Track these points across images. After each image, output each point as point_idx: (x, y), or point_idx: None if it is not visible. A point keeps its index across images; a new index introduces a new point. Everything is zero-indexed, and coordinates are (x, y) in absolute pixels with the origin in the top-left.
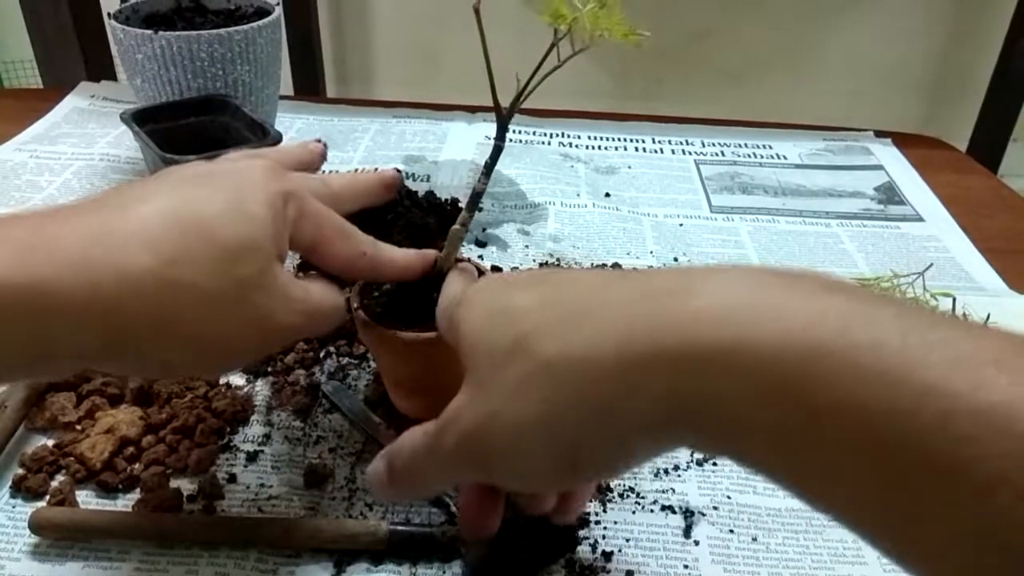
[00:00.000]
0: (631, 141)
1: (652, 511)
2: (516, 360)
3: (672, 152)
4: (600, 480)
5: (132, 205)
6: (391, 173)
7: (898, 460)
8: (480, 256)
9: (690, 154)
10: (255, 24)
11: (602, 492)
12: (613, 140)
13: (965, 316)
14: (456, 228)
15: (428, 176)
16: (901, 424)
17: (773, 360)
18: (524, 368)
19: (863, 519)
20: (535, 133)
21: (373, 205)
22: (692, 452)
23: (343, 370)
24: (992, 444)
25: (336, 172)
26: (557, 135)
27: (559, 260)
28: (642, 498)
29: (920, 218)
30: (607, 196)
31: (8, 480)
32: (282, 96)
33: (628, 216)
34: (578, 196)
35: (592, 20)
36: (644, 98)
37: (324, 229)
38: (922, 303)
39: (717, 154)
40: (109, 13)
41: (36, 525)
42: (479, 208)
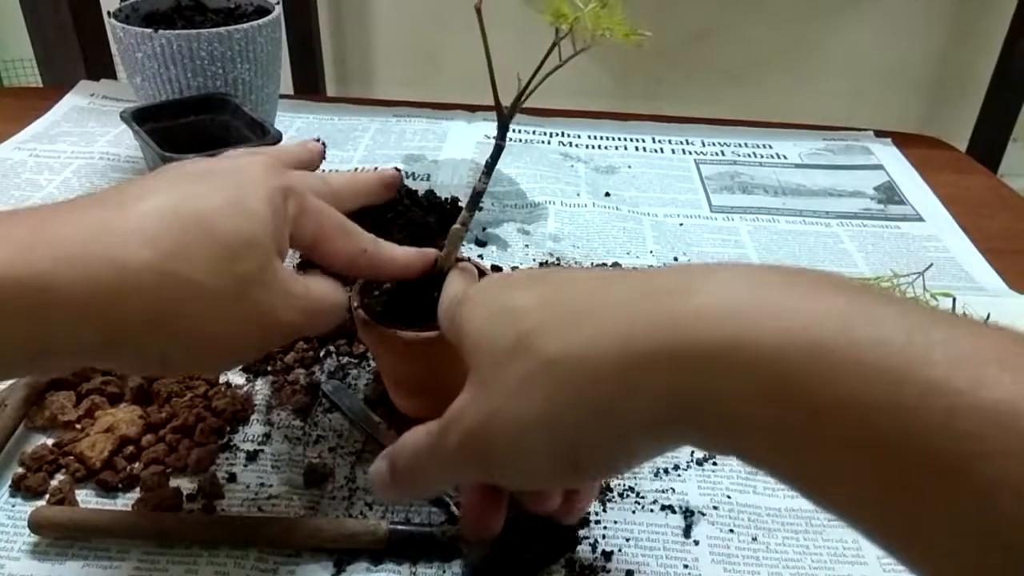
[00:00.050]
0: (631, 141)
1: (652, 511)
2: (518, 359)
3: (672, 152)
4: (602, 479)
5: (132, 202)
6: (391, 172)
7: (900, 458)
8: (480, 255)
9: (690, 154)
10: (255, 23)
11: (602, 492)
12: (613, 140)
13: (965, 316)
14: (456, 227)
15: (428, 175)
16: (903, 422)
17: (774, 358)
18: (526, 367)
19: (864, 516)
20: (535, 132)
21: (373, 204)
22: (692, 452)
23: (343, 369)
24: (995, 442)
25: (336, 171)
26: (557, 134)
27: (559, 259)
28: (642, 498)
29: (920, 218)
30: (607, 196)
31: (8, 479)
32: (282, 95)
33: (628, 216)
34: (578, 195)
35: (593, 20)
36: (644, 98)
37: (325, 226)
38: (922, 303)
39: (717, 154)
40: (109, 12)
41: (36, 524)
42: (479, 207)
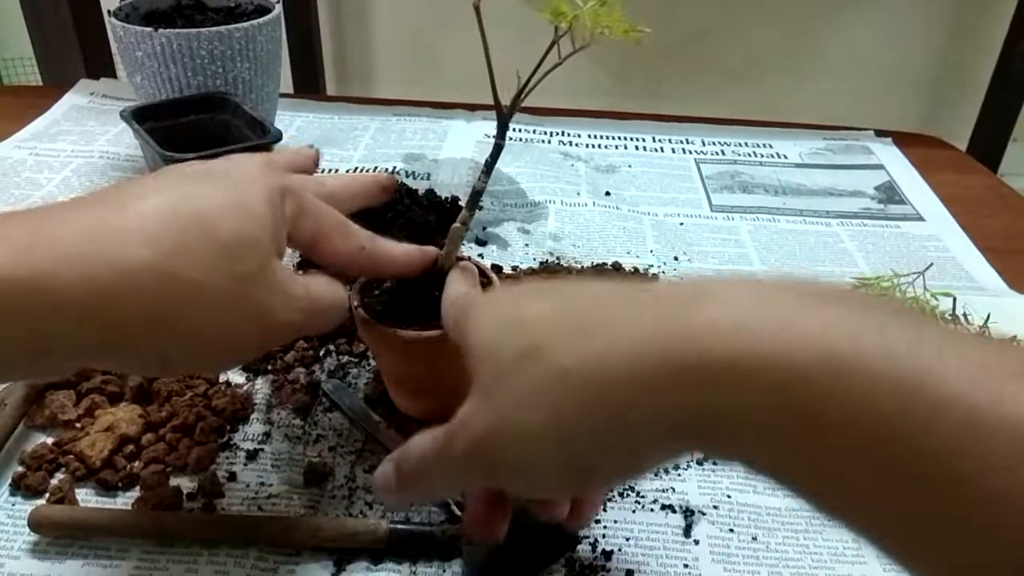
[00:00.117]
0: (631, 140)
1: (652, 510)
2: (527, 368)
3: (672, 151)
4: (610, 488)
5: (132, 202)
6: (388, 175)
7: (911, 470)
8: (480, 255)
9: (690, 153)
10: (255, 22)
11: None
12: (613, 139)
13: (965, 316)
14: (456, 226)
15: (428, 174)
16: (915, 434)
17: (786, 370)
18: (536, 377)
19: (874, 527)
20: (535, 132)
21: (370, 206)
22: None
23: (343, 368)
24: (1010, 457)
25: (336, 171)
26: (557, 134)
27: (559, 259)
28: (642, 497)
29: (920, 217)
30: (607, 195)
31: (8, 478)
32: (282, 94)
33: (628, 215)
34: (578, 195)
35: (592, 17)
36: (644, 97)
37: (323, 225)
38: (923, 303)
39: (717, 153)
40: (109, 10)
41: (36, 523)
42: (479, 207)
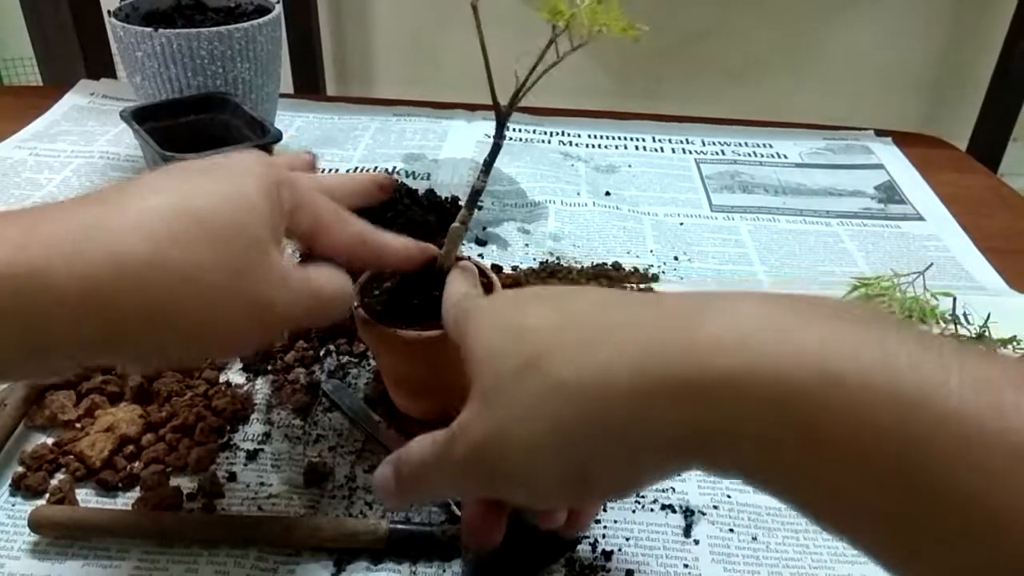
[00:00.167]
0: (631, 140)
1: (652, 510)
2: (528, 379)
3: (672, 151)
4: (609, 500)
5: (127, 200)
6: (386, 175)
7: (910, 485)
8: (480, 255)
9: (690, 153)
10: (255, 22)
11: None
12: (613, 139)
13: (965, 316)
14: (456, 226)
15: (428, 174)
16: (914, 450)
17: (787, 385)
18: (536, 388)
19: (873, 540)
20: (535, 132)
21: (368, 205)
22: None
23: (343, 368)
24: (1012, 473)
25: (336, 170)
26: (557, 134)
27: (559, 259)
28: (642, 497)
29: (920, 217)
30: (607, 195)
31: (8, 478)
32: (282, 94)
33: (628, 215)
34: (578, 195)
35: (590, 15)
36: (644, 97)
37: (321, 217)
38: (923, 303)
39: (717, 153)
40: (109, 11)
41: (36, 523)
42: (479, 206)
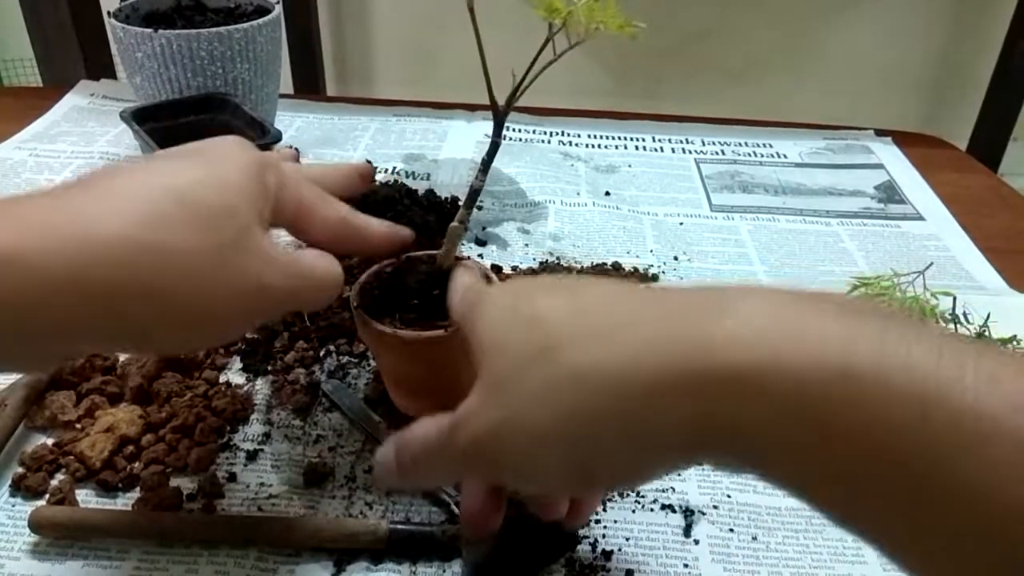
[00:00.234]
0: (631, 140)
1: (652, 510)
2: (540, 367)
3: (672, 151)
4: (614, 490)
5: (102, 182)
6: (365, 163)
7: (926, 482)
8: (480, 255)
9: (690, 153)
10: (255, 22)
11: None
12: (613, 139)
13: (965, 315)
14: (454, 225)
15: (428, 175)
16: (931, 446)
17: (805, 381)
18: (549, 376)
19: (885, 537)
20: (535, 132)
21: (350, 195)
22: None
23: (343, 369)
24: None
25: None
26: (557, 134)
27: (559, 259)
28: (642, 497)
29: (920, 217)
30: (607, 195)
31: (8, 479)
32: (282, 94)
33: (628, 215)
34: (578, 195)
35: (587, 14)
36: (644, 97)
37: (305, 199)
38: (923, 303)
39: (717, 153)
40: (109, 11)
41: (36, 524)
42: (478, 206)
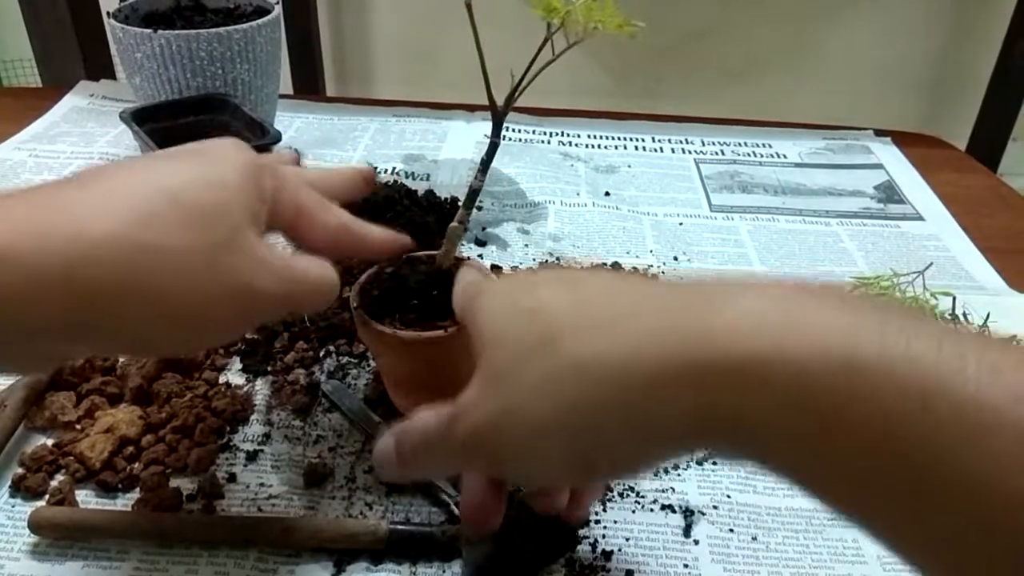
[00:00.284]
0: (631, 140)
1: (652, 510)
2: (542, 358)
3: (672, 151)
4: (615, 481)
5: (93, 180)
6: (368, 167)
7: (928, 472)
8: (480, 255)
9: (690, 153)
10: (254, 23)
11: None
12: (613, 139)
13: (965, 315)
14: (454, 226)
15: (428, 175)
16: (933, 437)
17: (807, 372)
18: (550, 367)
19: (888, 528)
20: (534, 132)
21: (353, 199)
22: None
23: (343, 369)
24: None
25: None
26: (556, 134)
27: (559, 259)
28: (642, 497)
29: (920, 217)
30: (607, 195)
31: (8, 479)
32: (281, 95)
33: (628, 215)
34: (578, 195)
35: (585, 13)
36: (644, 97)
37: (304, 205)
38: (923, 303)
39: (717, 153)
40: (108, 12)
41: (35, 524)
42: (478, 206)
